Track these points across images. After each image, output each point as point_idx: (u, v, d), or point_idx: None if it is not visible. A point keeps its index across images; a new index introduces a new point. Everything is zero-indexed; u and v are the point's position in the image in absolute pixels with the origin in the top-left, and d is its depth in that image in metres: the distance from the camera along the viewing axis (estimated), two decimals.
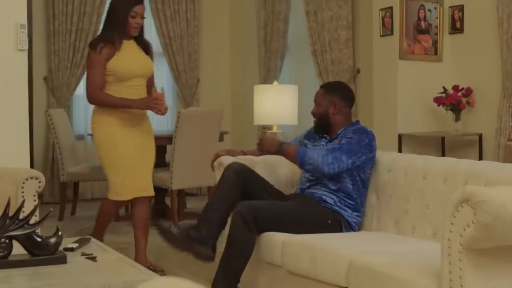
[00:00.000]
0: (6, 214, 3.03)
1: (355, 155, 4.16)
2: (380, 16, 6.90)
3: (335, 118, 4.41)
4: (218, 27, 10.05)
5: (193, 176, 6.96)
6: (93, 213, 8.04)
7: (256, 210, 4.03)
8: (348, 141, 4.20)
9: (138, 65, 5.02)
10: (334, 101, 4.41)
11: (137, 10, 4.95)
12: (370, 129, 4.41)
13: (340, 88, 4.57)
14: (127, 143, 5.01)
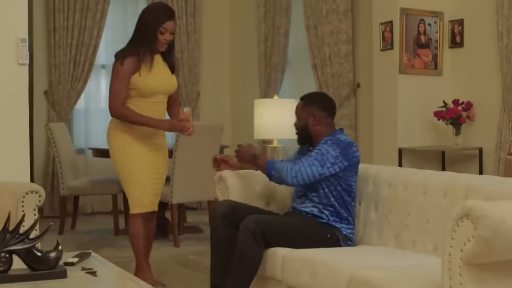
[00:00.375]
0: (6, 229, 3.02)
1: (322, 167, 4.16)
2: (380, 31, 6.91)
3: (315, 129, 4.40)
4: (218, 41, 10.07)
5: (193, 190, 6.96)
6: (93, 227, 8.07)
7: (263, 224, 4.02)
8: (316, 153, 4.22)
9: (161, 82, 4.92)
10: (313, 112, 4.40)
11: (167, 26, 4.83)
12: (349, 139, 4.34)
13: (319, 99, 4.54)
14: (142, 156, 4.92)
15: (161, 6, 5.04)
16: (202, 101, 9.86)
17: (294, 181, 4.16)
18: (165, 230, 7.42)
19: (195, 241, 7.13)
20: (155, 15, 4.85)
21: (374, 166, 4.64)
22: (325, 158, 4.17)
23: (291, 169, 4.16)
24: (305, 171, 4.15)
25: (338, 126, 7.57)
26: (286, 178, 4.17)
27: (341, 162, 4.19)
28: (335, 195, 4.24)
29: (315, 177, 4.16)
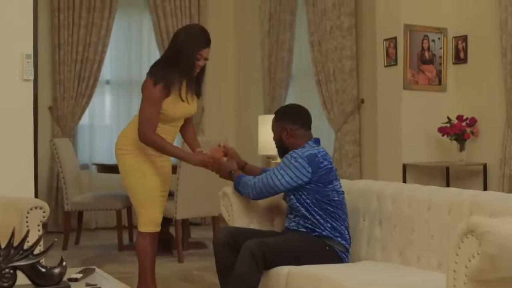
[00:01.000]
0: (11, 244, 3.02)
1: (279, 180, 4.21)
2: (384, 47, 6.93)
3: (289, 142, 4.42)
4: (222, 57, 10.08)
5: (197, 206, 6.95)
6: (97, 243, 8.07)
7: (264, 247, 4.01)
8: (276, 167, 4.29)
9: (185, 108, 4.73)
10: (285, 125, 4.43)
11: (204, 53, 4.66)
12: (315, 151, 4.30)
13: (290, 112, 4.56)
14: (155, 175, 4.75)
15: (200, 29, 4.81)
16: (206, 117, 9.87)
17: (253, 193, 4.32)
18: (169, 245, 7.42)
19: (199, 257, 7.12)
20: (195, 40, 4.66)
21: (378, 182, 4.63)
22: (282, 171, 4.22)
23: (253, 184, 4.29)
24: (262, 185, 4.26)
25: (342, 142, 7.63)
26: (248, 192, 4.34)
27: (303, 175, 4.20)
28: (314, 208, 4.23)
29: (274, 190, 4.24)
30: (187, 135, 5.03)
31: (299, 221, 4.27)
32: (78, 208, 7.74)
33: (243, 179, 4.40)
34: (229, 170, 4.52)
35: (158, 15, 9.49)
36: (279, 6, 8.88)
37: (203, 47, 4.65)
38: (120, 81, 9.60)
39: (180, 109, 4.69)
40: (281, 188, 4.25)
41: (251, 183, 4.32)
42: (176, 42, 4.68)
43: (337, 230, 4.24)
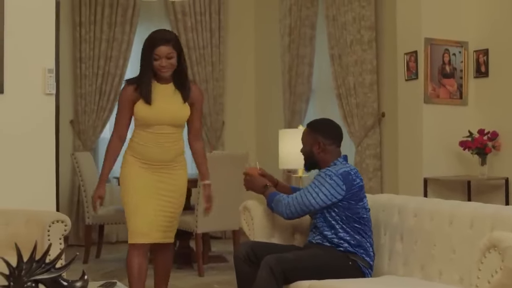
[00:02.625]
0: (33, 258, 3.03)
1: (314, 199, 4.19)
2: (405, 60, 6.92)
3: (320, 156, 4.42)
4: (243, 70, 10.11)
5: (218, 220, 6.95)
6: (118, 256, 8.08)
7: (284, 262, 3.99)
8: (310, 185, 4.25)
9: (165, 112, 4.66)
10: (318, 139, 4.42)
11: (158, 52, 4.60)
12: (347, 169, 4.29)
13: (324, 126, 4.54)
14: (147, 186, 4.67)
15: (155, 31, 4.77)
16: (227, 130, 9.89)
17: (287, 212, 4.24)
18: (190, 259, 7.42)
19: (220, 271, 7.11)
20: (148, 42, 4.67)
21: (399, 196, 4.62)
22: (317, 190, 4.19)
23: (286, 203, 4.24)
24: (297, 204, 4.21)
25: (363, 155, 7.61)
26: (281, 211, 4.27)
27: (338, 194, 4.19)
28: (343, 224, 4.21)
29: (309, 208, 4.21)
30: (195, 157, 5.02)
31: (325, 235, 4.25)
32: (99, 221, 7.76)
33: (276, 197, 4.36)
34: (264, 185, 4.51)
35: (178, 29, 9.53)
36: (300, 20, 8.89)
37: (156, 46, 4.59)
38: None
39: (153, 112, 4.63)
40: (316, 207, 4.22)
41: (285, 202, 4.28)
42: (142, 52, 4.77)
43: (362, 247, 4.22)
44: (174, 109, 4.70)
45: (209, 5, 9.75)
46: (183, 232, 7.33)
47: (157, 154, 4.71)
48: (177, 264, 7.39)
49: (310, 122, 4.61)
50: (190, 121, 4.85)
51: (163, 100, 4.67)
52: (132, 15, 9.26)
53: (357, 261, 4.18)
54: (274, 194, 4.40)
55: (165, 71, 4.63)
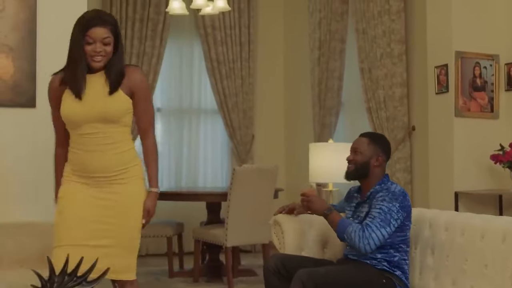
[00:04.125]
0: (65, 271, 3.05)
1: (388, 226, 4.08)
2: (435, 74, 6.89)
3: (374, 170, 4.35)
4: (272, 84, 10.14)
5: (247, 233, 6.96)
6: (148, 269, 8.11)
7: (316, 277, 3.96)
8: (379, 213, 4.11)
9: (87, 105, 3.77)
10: (378, 152, 4.36)
11: (92, 34, 3.74)
12: (399, 187, 4.28)
13: (384, 142, 4.47)
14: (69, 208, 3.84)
15: (87, 12, 3.88)
16: (257, 144, 9.91)
17: (367, 248, 4.05)
18: (219, 272, 7.43)
19: (249, 284, 7.11)
20: (80, 21, 3.80)
21: (430, 211, 4.59)
22: (388, 217, 4.09)
23: (362, 237, 4.04)
24: (376, 236, 4.05)
25: (393, 169, 7.59)
26: (359, 246, 4.06)
27: (401, 215, 4.15)
28: (391, 244, 4.19)
29: (385, 238, 4.10)
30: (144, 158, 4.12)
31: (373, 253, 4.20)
32: None
33: (348, 227, 4.13)
34: (327, 207, 4.29)
35: (208, 43, 9.58)
36: (329, 33, 8.89)
37: (90, 27, 3.72)
38: (171, 109, 9.69)
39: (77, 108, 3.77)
40: (392, 232, 4.12)
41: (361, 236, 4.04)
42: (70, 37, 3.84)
43: (400, 267, 4.20)
44: (103, 101, 3.79)
45: (238, 19, 9.79)
46: (213, 245, 7.35)
47: (91, 162, 3.82)
48: (206, 277, 7.41)
49: (370, 134, 4.51)
50: (135, 115, 3.95)
51: (91, 93, 3.78)
52: (162, 30, 9.31)
53: (392, 279, 4.15)
54: (344, 224, 4.17)
55: (99, 59, 3.77)
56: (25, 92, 5.05)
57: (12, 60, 5.03)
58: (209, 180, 9.82)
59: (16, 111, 5.00)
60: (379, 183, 4.31)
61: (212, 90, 9.67)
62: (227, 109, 9.66)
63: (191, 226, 8.19)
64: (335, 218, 4.23)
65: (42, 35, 5.09)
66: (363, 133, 4.51)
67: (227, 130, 9.71)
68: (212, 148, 9.90)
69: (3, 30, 5.02)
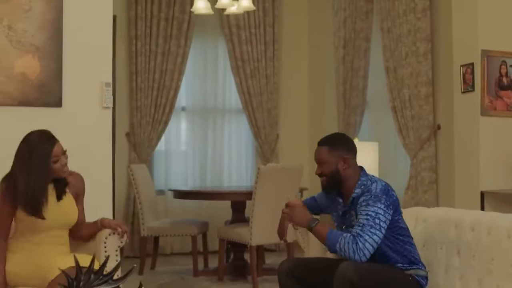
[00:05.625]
0: (91, 270, 3.07)
1: (379, 230, 3.98)
2: (461, 72, 6.85)
3: (346, 172, 4.20)
4: (297, 83, 10.13)
5: (272, 232, 6.90)
6: (173, 268, 8.14)
7: (361, 270, 3.90)
8: (366, 219, 3.99)
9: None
10: (342, 155, 4.21)
11: (57, 152, 4.19)
12: (379, 184, 4.13)
13: (343, 140, 4.35)
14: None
15: (38, 136, 4.20)
16: (281, 143, 9.91)
17: (362, 259, 3.95)
18: (244, 271, 7.44)
19: (274, 283, 7.08)
20: (38, 146, 4.14)
21: (456, 210, 4.57)
22: (377, 221, 3.99)
23: (357, 249, 3.93)
24: (369, 245, 3.96)
25: (418, 168, 7.55)
26: (354, 258, 3.95)
27: (389, 215, 4.04)
28: (389, 243, 4.13)
29: (378, 243, 4.01)
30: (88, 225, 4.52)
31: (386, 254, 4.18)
32: (154, 233, 7.82)
33: (340, 240, 4.01)
34: (310, 220, 4.18)
35: (233, 42, 9.59)
36: (354, 32, 8.87)
37: (52, 148, 4.16)
38: (195, 108, 9.71)
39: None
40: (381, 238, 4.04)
41: (355, 248, 3.94)
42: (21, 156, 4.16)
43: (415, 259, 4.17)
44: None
45: (263, 18, 9.79)
46: (237, 244, 7.36)
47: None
48: (231, 276, 7.43)
49: (323, 140, 4.32)
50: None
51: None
52: (187, 29, 9.33)
53: (414, 276, 4.13)
54: (335, 236, 4.05)
55: (67, 168, 4.28)
56: (51, 92, 5.08)
57: (39, 60, 5.06)
58: (234, 179, 9.84)
59: (43, 111, 5.03)
60: (358, 186, 4.18)
61: (237, 89, 9.68)
62: (251, 108, 9.67)
63: (216, 225, 8.21)
64: (322, 231, 4.11)
65: (68, 34, 5.13)
66: (319, 141, 4.32)
67: (251, 129, 9.72)
68: (236, 147, 9.91)
69: (30, 30, 5.06)
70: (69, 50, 5.10)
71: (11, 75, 5.00)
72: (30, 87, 5.05)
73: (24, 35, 5.04)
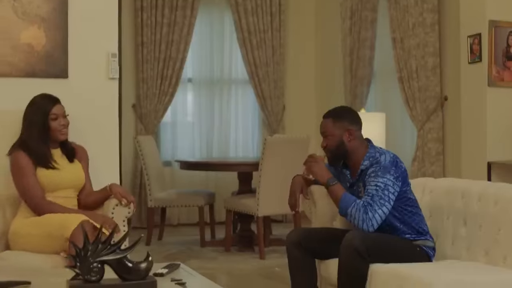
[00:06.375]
0: (99, 240, 3.09)
1: (388, 202, 4.00)
2: (468, 43, 6.82)
3: (351, 144, 4.19)
4: (303, 54, 10.09)
5: (279, 203, 6.94)
6: (180, 239, 8.17)
7: (368, 240, 3.91)
8: (376, 190, 4.01)
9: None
10: (347, 127, 4.20)
11: (56, 111, 4.44)
12: (388, 155, 4.12)
13: (348, 112, 4.35)
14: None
15: (41, 95, 4.53)
16: (288, 114, 9.90)
17: (370, 229, 3.97)
18: (251, 242, 7.46)
19: (281, 254, 7.12)
20: (38, 103, 4.47)
21: (463, 180, 4.57)
22: (386, 193, 4.00)
23: (366, 219, 3.95)
24: (378, 216, 3.98)
25: (425, 139, 7.54)
26: (362, 227, 3.98)
27: (397, 186, 4.05)
28: (397, 214, 4.13)
29: (386, 215, 4.02)
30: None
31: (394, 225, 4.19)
32: (161, 204, 7.84)
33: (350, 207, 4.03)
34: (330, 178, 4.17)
35: (239, 13, 9.55)
36: (361, 3, 8.83)
37: (52, 105, 4.44)
38: (202, 79, 9.69)
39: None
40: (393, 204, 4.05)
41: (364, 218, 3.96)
42: (25, 117, 4.48)
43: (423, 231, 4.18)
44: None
45: None
46: (244, 215, 7.37)
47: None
48: (238, 247, 7.45)
49: (328, 113, 4.31)
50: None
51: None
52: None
53: (422, 247, 4.13)
54: (347, 200, 4.07)
55: (66, 131, 4.49)
56: (57, 63, 5.07)
57: (44, 31, 5.04)
58: (240, 150, 9.84)
59: (49, 82, 5.02)
60: (366, 158, 4.17)
61: (243, 60, 9.65)
62: (258, 79, 9.65)
63: (223, 196, 8.22)
64: (338, 191, 4.12)
65: (74, 5, 5.10)
66: (324, 113, 4.32)
67: (258, 100, 9.71)
68: (243, 118, 9.91)
69: (35, 1, 5.03)
70: (74, 20, 5.08)
71: (17, 46, 4.99)
72: (36, 58, 5.03)
73: (29, 6, 5.02)
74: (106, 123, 5.11)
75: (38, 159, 4.37)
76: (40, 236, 4.17)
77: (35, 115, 4.42)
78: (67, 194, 4.46)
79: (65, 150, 4.54)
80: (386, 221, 4.07)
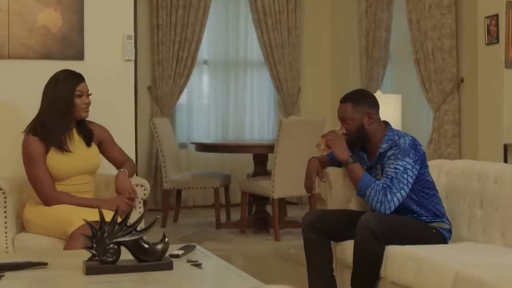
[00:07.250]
0: (115, 221, 3.10)
1: (406, 185, 4.00)
2: (485, 24, 6.78)
3: (371, 128, 4.18)
4: (319, 36, 10.06)
5: (294, 185, 6.95)
6: (195, 221, 8.20)
7: (384, 221, 3.92)
8: (395, 173, 4.00)
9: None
10: (366, 110, 4.18)
11: (81, 88, 4.33)
12: (407, 138, 4.13)
13: (366, 96, 4.34)
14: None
15: (64, 71, 4.41)
16: (303, 96, 9.88)
17: (387, 212, 3.98)
18: (266, 224, 7.48)
19: (296, 236, 7.13)
20: (65, 78, 4.35)
21: (479, 162, 4.55)
22: (405, 176, 3.99)
23: (384, 201, 3.95)
24: (396, 199, 3.98)
25: (441, 121, 7.51)
26: (380, 209, 3.98)
27: (416, 170, 4.05)
28: (415, 196, 4.11)
29: (403, 198, 4.02)
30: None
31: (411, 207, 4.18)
32: (176, 186, 7.86)
33: (369, 188, 4.02)
34: (350, 156, 4.14)
35: None
36: None
37: (79, 81, 4.33)
38: (217, 61, 9.69)
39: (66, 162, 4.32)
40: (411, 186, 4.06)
41: (383, 200, 3.97)
42: (47, 94, 4.34)
43: (440, 213, 4.17)
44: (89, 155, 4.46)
45: None
46: (259, 197, 7.38)
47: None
48: (253, 228, 7.47)
49: (346, 97, 4.27)
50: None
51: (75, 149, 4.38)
52: None
53: (439, 229, 4.12)
54: (366, 181, 4.05)
55: (88, 110, 4.38)
56: (73, 45, 5.07)
57: (61, 13, 5.04)
58: (256, 132, 9.85)
59: (65, 64, 5.00)
60: (385, 141, 4.17)
61: (259, 42, 9.63)
62: (273, 61, 9.63)
63: (238, 178, 8.23)
64: (358, 170, 4.11)
65: None
66: (342, 98, 4.28)
67: (273, 82, 9.69)
68: (258, 100, 9.90)
69: None
70: (90, 2, 5.07)
71: (33, 29, 4.99)
72: (52, 40, 5.04)
73: None
74: (122, 105, 5.12)
75: (53, 141, 4.26)
76: (46, 228, 4.18)
77: (60, 91, 4.29)
78: (80, 181, 4.36)
79: (83, 131, 4.42)
80: (403, 203, 4.07)
